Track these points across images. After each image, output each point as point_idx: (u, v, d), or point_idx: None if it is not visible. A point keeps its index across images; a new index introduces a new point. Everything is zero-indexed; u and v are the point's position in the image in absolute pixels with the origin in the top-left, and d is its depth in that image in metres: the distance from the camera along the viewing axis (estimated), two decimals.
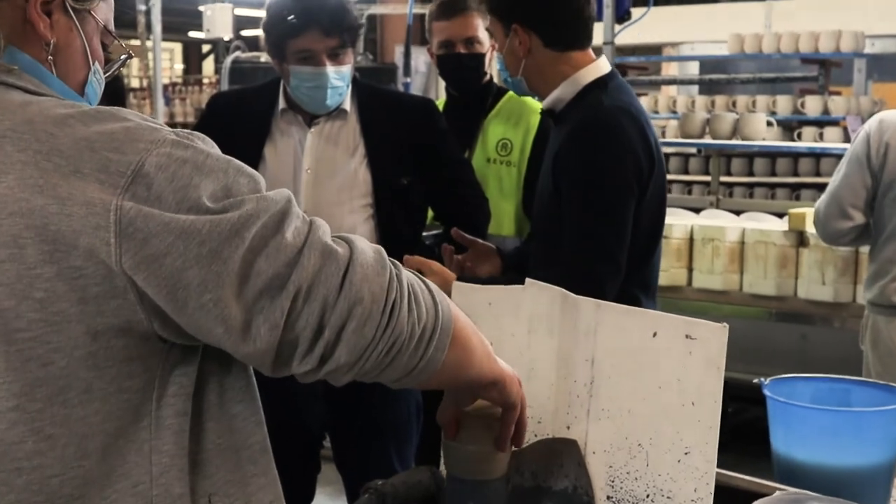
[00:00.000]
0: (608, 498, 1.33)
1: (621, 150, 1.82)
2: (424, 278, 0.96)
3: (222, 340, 0.83)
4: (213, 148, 0.86)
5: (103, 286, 0.79)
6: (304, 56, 2.05)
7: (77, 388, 0.81)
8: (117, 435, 0.83)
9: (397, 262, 0.92)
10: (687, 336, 1.24)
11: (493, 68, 2.45)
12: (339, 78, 2.08)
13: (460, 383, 1.04)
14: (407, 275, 0.92)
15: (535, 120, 2.54)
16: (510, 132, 2.54)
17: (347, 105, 2.14)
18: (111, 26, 1.00)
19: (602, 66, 1.92)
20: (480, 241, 2.02)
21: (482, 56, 2.53)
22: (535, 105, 2.58)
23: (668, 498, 1.28)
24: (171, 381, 0.86)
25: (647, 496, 1.29)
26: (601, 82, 1.90)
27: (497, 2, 1.91)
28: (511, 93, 2.63)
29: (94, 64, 0.97)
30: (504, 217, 2.42)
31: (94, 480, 0.82)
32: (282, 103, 2.16)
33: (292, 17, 2.01)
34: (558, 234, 1.83)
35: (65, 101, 0.86)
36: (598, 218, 1.82)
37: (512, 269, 1.99)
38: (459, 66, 2.51)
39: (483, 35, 2.52)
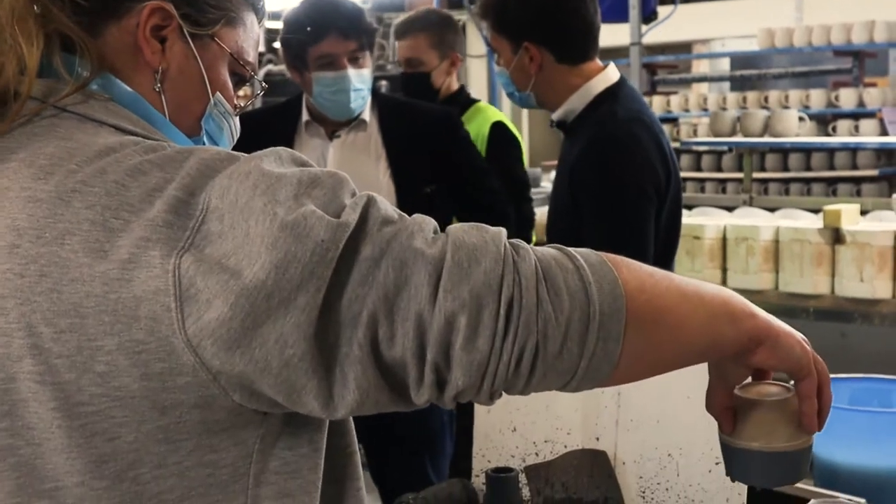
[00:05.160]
0: None
1: (639, 162, 1.81)
2: (574, 252, 0.76)
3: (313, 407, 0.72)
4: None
5: (168, 363, 0.69)
6: (326, 62, 2.10)
7: (149, 464, 0.72)
8: None
9: (520, 244, 0.74)
10: None
11: (450, 82, 2.74)
12: (360, 81, 2.11)
13: (687, 362, 0.80)
14: (538, 256, 0.73)
15: (486, 128, 2.67)
16: None
17: (367, 115, 2.17)
18: (247, 56, 0.88)
19: (611, 74, 1.92)
20: None
21: (426, 75, 2.70)
22: (492, 115, 2.78)
23: None
24: (273, 455, 0.75)
25: None
26: (611, 92, 1.89)
27: (505, 20, 1.89)
28: (479, 103, 2.83)
29: (214, 95, 0.86)
30: None
31: None
32: (305, 115, 2.19)
33: (309, 25, 2.06)
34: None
35: (153, 143, 0.76)
36: (621, 233, 1.81)
37: None
38: (407, 84, 2.75)
39: (427, 55, 2.72)
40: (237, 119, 0.91)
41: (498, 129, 2.71)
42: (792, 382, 0.86)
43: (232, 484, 0.74)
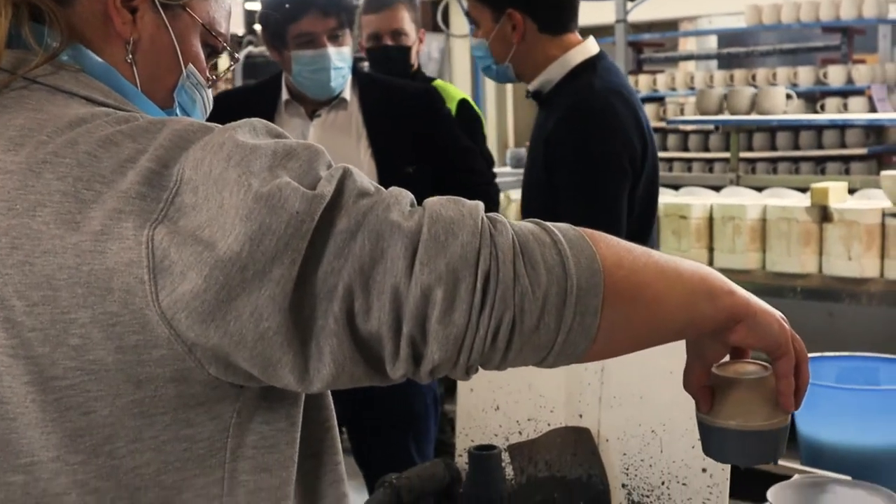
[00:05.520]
0: (623, 486, 1.31)
1: (615, 135, 1.80)
2: (551, 227, 0.75)
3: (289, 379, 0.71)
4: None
5: (142, 335, 0.69)
6: (305, 40, 2.07)
7: (125, 438, 0.72)
8: (179, 488, 0.74)
9: (497, 217, 0.73)
10: None
11: (419, 59, 2.70)
12: (340, 59, 2.09)
13: (664, 339, 0.80)
14: (516, 230, 0.73)
15: (452, 106, 2.64)
16: None
17: (348, 94, 2.15)
18: (219, 27, 0.88)
19: (590, 47, 1.91)
20: None
21: (408, 48, 2.65)
22: (455, 93, 2.76)
23: (684, 485, 1.25)
24: (251, 429, 0.75)
25: (663, 483, 1.27)
26: (590, 64, 1.88)
27: None
28: (437, 81, 2.81)
29: (186, 67, 0.85)
30: None
31: None
32: (285, 94, 2.16)
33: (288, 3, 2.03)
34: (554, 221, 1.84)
35: (125, 114, 0.75)
36: (595, 207, 1.80)
37: None
38: (387, 58, 2.63)
39: (409, 27, 2.67)
40: (210, 91, 0.91)
41: (464, 106, 2.72)
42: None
43: (209, 458, 0.74)
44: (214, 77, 0.91)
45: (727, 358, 0.88)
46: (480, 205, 0.73)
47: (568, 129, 1.81)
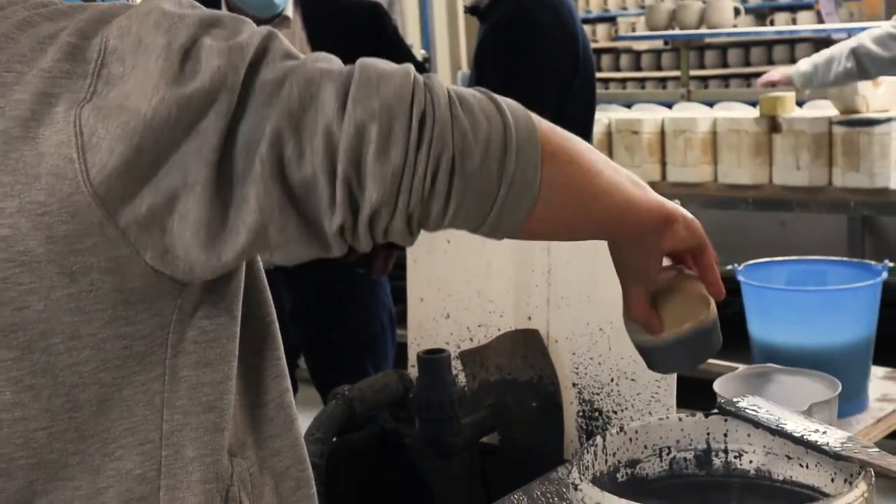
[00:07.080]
0: (574, 385, 1.32)
1: (538, 49, 1.78)
2: (486, 90, 0.75)
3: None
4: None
5: (72, 224, 0.67)
6: None
7: (61, 335, 0.70)
8: (119, 385, 0.73)
9: (430, 74, 0.73)
10: None
11: None
12: None
13: (609, 212, 0.78)
14: (450, 87, 0.72)
15: None
16: None
17: (290, 12, 2.08)
18: None
19: None
20: None
21: None
22: None
23: (633, 380, 1.26)
24: (192, 324, 0.74)
25: (612, 380, 1.28)
26: None
27: None
28: None
29: None
30: None
31: (92, 435, 0.73)
32: (224, 12, 2.09)
33: None
34: None
35: (42, 0, 0.73)
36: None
37: None
38: None
39: None
40: None
41: None
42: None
43: (149, 355, 0.73)
44: None
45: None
46: (411, 66, 0.72)
47: (492, 38, 1.80)
